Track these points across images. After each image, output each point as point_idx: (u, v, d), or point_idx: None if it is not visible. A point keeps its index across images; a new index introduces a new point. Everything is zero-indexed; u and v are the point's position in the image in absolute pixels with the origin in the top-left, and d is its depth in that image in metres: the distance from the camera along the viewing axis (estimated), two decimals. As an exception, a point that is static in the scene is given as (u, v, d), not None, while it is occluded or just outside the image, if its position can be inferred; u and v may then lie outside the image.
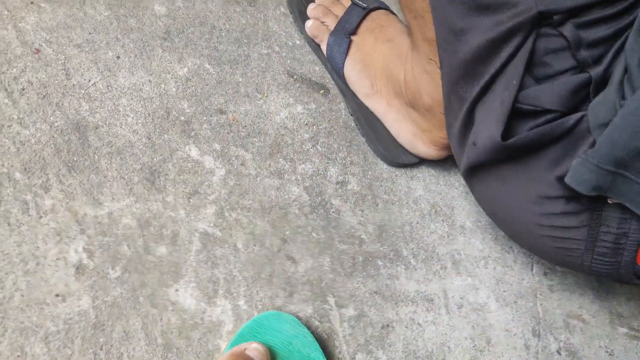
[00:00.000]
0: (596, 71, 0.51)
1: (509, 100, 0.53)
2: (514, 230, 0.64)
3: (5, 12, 0.69)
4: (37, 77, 0.67)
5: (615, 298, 0.79)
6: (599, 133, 0.50)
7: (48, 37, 0.70)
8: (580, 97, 0.53)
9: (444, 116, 0.65)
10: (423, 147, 0.76)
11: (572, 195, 0.54)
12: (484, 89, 0.56)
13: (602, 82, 0.51)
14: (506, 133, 0.54)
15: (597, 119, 0.50)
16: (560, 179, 0.54)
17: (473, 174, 0.63)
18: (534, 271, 0.77)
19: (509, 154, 0.56)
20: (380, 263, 0.71)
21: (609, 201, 0.53)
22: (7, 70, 0.66)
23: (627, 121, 0.47)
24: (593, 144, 0.51)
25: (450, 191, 0.79)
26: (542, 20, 0.51)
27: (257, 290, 0.64)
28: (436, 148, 0.75)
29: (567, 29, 0.51)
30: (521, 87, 0.53)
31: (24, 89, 0.66)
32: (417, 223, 0.75)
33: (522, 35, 0.51)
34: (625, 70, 0.48)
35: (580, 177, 0.50)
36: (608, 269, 0.57)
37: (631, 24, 0.49)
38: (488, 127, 0.55)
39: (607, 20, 0.50)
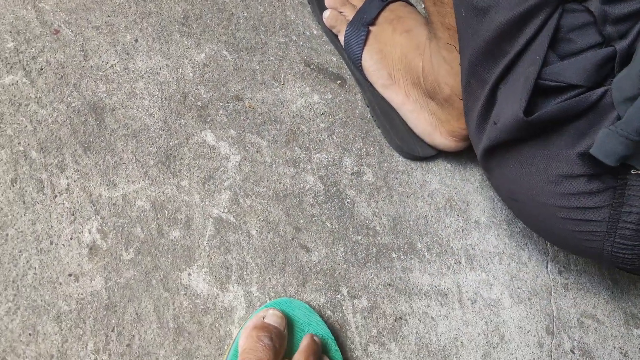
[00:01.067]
0: (621, 45, 0.50)
1: (533, 76, 0.52)
2: (533, 215, 0.62)
3: (25, -8, 0.69)
4: (55, 58, 0.67)
5: (630, 299, 0.78)
6: (624, 108, 0.49)
7: (67, 18, 0.70)
8: (605, 72, 0.51)
9: (462, 101, 0.64)
10: (441, 138, 0.75)
11: (593, 173, 0.53)
12: (507, 68, 0.55)
13: (628, 56, 0.50)
14: (529, 110, 0.53)
15: (621, 93, 0.49)
16: (582, 155, 0.53)
17: (491, 156, 0.61)
18: (549, 269, 0.76)
19: (530, 131, 0.55)
20: (394, 255, 0.70)
21: (633, 172, 0.51)
22: (26, 49, 0.66)
23: None
24: (617, 119, 0.50)
25: (466, 186, 0.78)
26: None
27: (269, 278, 0.63)
28: (454, 139, 0.75)
29: (593, 4, 0.50)
30: (545, 63, 0.52)
31: (42, 69, 0.65)
32: (432, 217, 0.74)
33: (547, 11, 0.51)
34: None
35: (608, 148, 0.49)
36: (629, 255, 0.56)
37: None
38: (511, 105, 0.54)
39: None
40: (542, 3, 0.50)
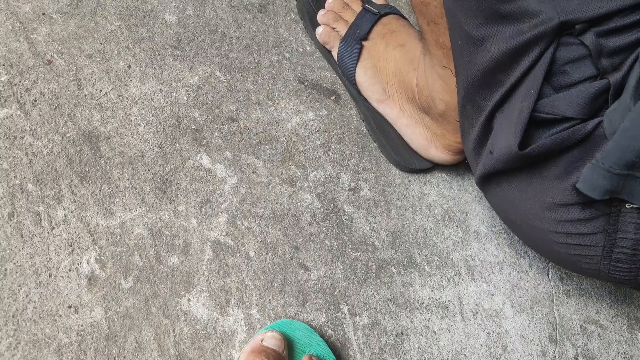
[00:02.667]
0: (615, 77, 0.50)
1: (527, 109, 0.52)
2: (530, 237, 0.63)
3: (18, 24, 0.70)
4: (49, 88, 0.67)
5: (633, 302, 0.77)
6: None
7: (60, 48, 0.70)
8: (599, 104, 0.52)
9: (459, 123, 0.64)
10: (436, 152, 0.75)
11: (587, 202, 0.54)
12: (504, 98, 0.55)
13: (621, 88, 0.51)
14: (524, 141, 0.53)
15: (612, 126, 0.50)
16: (575, 186, 0.53)
17: (488, 181, 0.62)
18: (550, 276, 0.76)
19: (525, 162, 0.56)
20: (393, 270, 0.70)
21: (627, 206, 0.52)
22: (20, 82, 0.67)
23: (636, 125, 0.46)
24: None
25: (464, 196, 0.78)
26: (563, 29, 0.50)
27: (269, 299, 0.64)
28: (450, 153, 0.75)
29: (589, 38, 0.50)
30: (539, 96, 0.52)
31: (36, 100, 0.66)
32: (431, 229, 0.74)
33: (542, 44, 0.51)
34: None
35: (593, 183, 0.50)
36: (626, 276, 0.56)
37: None
38: (506, 136, 0.54)
39: (628, 28, 0.49)
40: (537, 38, 0.51)
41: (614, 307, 0.76)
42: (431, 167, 0.78)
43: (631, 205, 0.51)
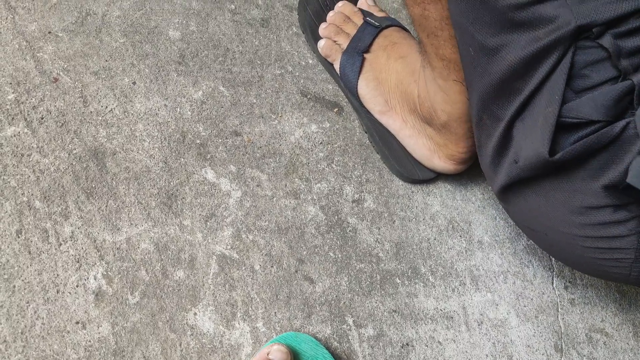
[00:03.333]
0: (638, 77, 0.50)
1: (554, 115, 0.52)
2: (555, 245, 0.62)
3: (24, 43, 0.71)
4: (55, 106, 0.68)
5: (638, 310, 0.77)
6: None
7: (66, 66, 0.71)
8: (624, 105, 0.51)
9: (475, 136, 0.64)
10: (440, 162, 0.76)
11: (619, 204, 0.53)
12: (523, 106, 0.55)
13: None
14: (551, 148, 0.54)
15: None
16: (607, 187, 0.53)
17: (509, 191, 0.61)
18: (555, 285, 0.76)
19: (553, 168, 0.55)
20: (398, 281, 0.71)
21: None
22: (27, 100, 0.68)
23: None
24: None
25: (467, 206, 0.79)
26: (580, 33, 0.50)
27: (275, 312, 0.64)
28: (453, 162, 0.75)
29: (606, 40, 0.50)
30: (563, 101, 0.52)
31: (42, 118, 0.67)
32: (435, 239, 0.75)
33: (560, 50, 0.51)
34: None
35: None
36: None
37: None
38: (532, 144, 0.54)
39: None
40: (554, 44, 0.51)
41: (619, 315, 0.76)
42: (434, 177, 0.78)
43: None
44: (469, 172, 0.79)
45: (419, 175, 0.77)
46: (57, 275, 0.59)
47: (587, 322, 0.74)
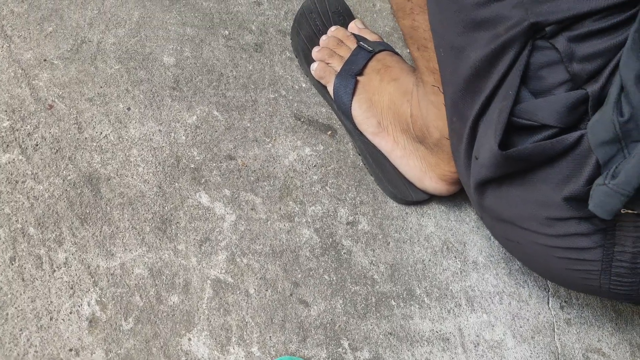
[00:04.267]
0: (593, 88, 0.51)
1: (506, 110, 0.53)
2: (529, 254, 0.63)
3: (20, 71, 0.72)
4: (50, 132, 0.69)
5: (635, 329, 0.77)
6: (602, 151, 0.50)
7: (61, 93, 0.72)
8: (579, 114, 0.53)
9: (450, 141, 0.65)
10: (431, 183, 0.76)
11: (583, 216, 0.54)
12: (485, 105, 0.57)
13: (600, 100, 0.51)
14: (506, 147, 0.54)
15: (596, 138, 0.50)
16: (568, 199, 0.54)
17: (481, 198, 0.62)
18: (550, 305, 0.76)
19: (511, 169, 0.56)
20: (393, 303, 0.70)
21: (622, 211, 0.52)
22: (22, 127, 0.68)
23: None
24: (597, 163, 0.51)
25: (462, 226, 0.79)
26: (535, 32, 0.52)
27: (270, 336, 0.64)
28: (445, 183, 0.76)
29: (560, 42, 0.51)
30: (518, 100, 0.54)
31: (37, 145, 0.68)
32: (430, 260, 0.75)
33: (517, 47, 0.52)
34: (622, 88, 0.48)
35: (608, 206, 0.50)
36: (627, 290, 0.56)
37: (626, 40, 0.50)
38: (488, 139, 0.56)
39: (600, 34, 0.50)
40: (510, 41, 0.52)
41: (615, 334, 0.76)
42: (428, 198, 0.78)
43: (625, 210, 0.52)
44: (462, 193, 0.80)
45: (413, 196, 0.77)
46: (51, 302, 0.59)
47: (583, 342, 0.74)
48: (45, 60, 0.74)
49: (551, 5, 0.50)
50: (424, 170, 0.76)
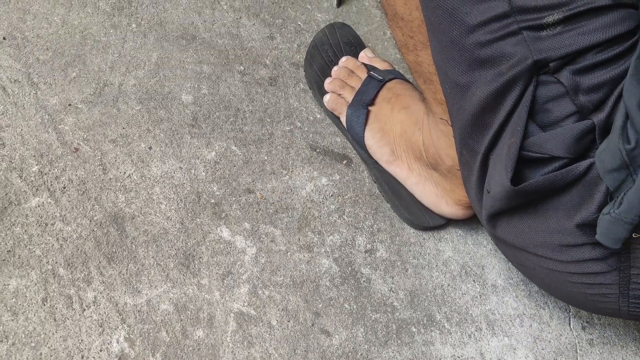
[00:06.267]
0: (599, 117, 0.52)
1: (516, 145, 0.54)
2: (544, 280, 0.64)
3: (47, 116, 0.75)
4: (76, 175, 0.72)
5: (660, 348, 0.77)
6: (610, 178, 0.51)
7: (85, 136, 0.75)
8: (586, 143, 0.54)
9: (460, 172, 0.67)
10: (447, 208, 0.77)
11: (597, 242, 0.54)
12: (494, 139, 0.58)
13: (607, 128, 0.52)
14: (517, 180, 0.55)
15: (604, 166, 0.51)
16: (581, 226, 0.55)
17: (494, 227, 0.63)
18: (572, 326, 0.76)
19: (523, 201, 0.57)
20: (414, 329, 0.71)
21: (634, 235, 0.52)
22: (50, 171, 0.71)
23: None
24: (607, 190, 0.52)
25: (479, 250, 0.80)
26: (539, 68, 0.53)
27: (293, 367, 0.65)
28: (461, 207, 0.77)
29: (564, 76, 0.53)
30: (527, 134, 0.55)
31: (64, 187, 0.71)
32: (449, 285, 0.76)
33: (522, 84, 0.53)
34: (627, 115, 0.49)
35: (613, 235, 0.51)
36: None
37: (628, 68, 0.51)
38: (499, 174, 0.57)
39: (602, 65, 0.51)
40: (515, 78, 0.53)
41: (639, 354, 0.76)
42: (444, 223, 0.80)
43: (637, 235, 0.52)
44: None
45: (430, 222, 0.79)
46: (82, 340, 0.61)
47: (607, 362, 0.74)
48: (70, 104, 0.77)
49: (553, 41, 0.51)
50: (440, 195, 0.77)
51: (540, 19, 0.51)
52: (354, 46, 0.91)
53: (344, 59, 0.88)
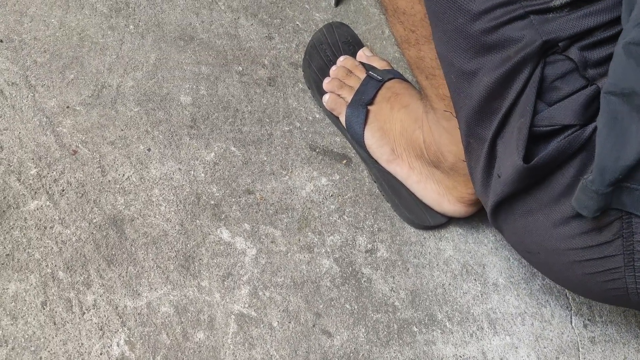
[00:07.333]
0: (603, 82, 0.52)
1: (526, 125, 0.54)
2: (550, 265, 0.63)
3: (44, 119, 0.75)
4: (75, 177, 0.72)
5: (663, 345, 0.77)
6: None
7: (84, 138, 0.75)
8: (594, 109, 0.54)
9: (466, 163, 0.66)
10: (449, 205, 0.77)
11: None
12: (502, 124, 0.58)
13: None
14: (528, 158, 0.55)
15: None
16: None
17: (499, 213, 0.63)
18: (574, 324, 0.76)
19: (532, 179, 0.57)
20: (415, 329, 0.71)
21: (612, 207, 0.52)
22: (48, 173, 0.71)
23: (606, 148, 0.49)
24: None
25: (480, 248, 0.79)
26: (547, 49, 0.53)
27: (294, 368, 0.65)
28: (463, 205, 0.76)
29: (573, 52, 0.53)
30: (535, 112, 0.55)
31: (63, 190, 0.70)
32: (450, 284, 0.76)
33: (530, 66, 0.54)
34: None
35: (583, 203, 0.52)
36: None
37: None
38: (509, 157, 0.56)
39: (611, 40, 0.52)
40: (523, 61, 0.54)
41: (641, 351, 0.76)
42: (445, 222, 0.79)
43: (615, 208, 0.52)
44: (479, 216, 0.80)
45: (430, 221, 0.78)
46: (82, 344, 0.61)
47: (609, 360, 0.74)
48: (68, 107, 0.77)
49: (561, 22, 0.52)
50: (442, 193, 0.77)
51: (547, 2, 0.52)
52: (353, 45, 0.90)
53: (341, 58, 0.88)
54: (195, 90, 0.83)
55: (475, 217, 0.81)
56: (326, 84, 0.86)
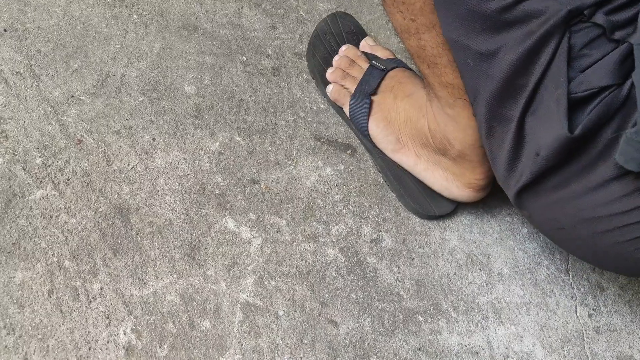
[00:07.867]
0: (635, 38, 0.51)
1: (564, 96, 0.53)
2: (583, 239, 0.61)
3: (49, 109, 0.75)
4: (80, 167, 0.71)
5: (667, 335, 0.77)
6: None
7: (88, 127, 0.75)
8: (628, 67, 0.53)
9: (486, 149, 0.65)
10: (458, 191, 0.77)
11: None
12: (530, 100, 0.57)
13: None
14: (570, 127, 0.54)
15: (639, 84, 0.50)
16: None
17: (528, 192, 0.62)
18: (578, 313, 0.76)
19: (574, 149, 0.56)
20: (420, 319, 0.71)
21: None
22: (53, 163, 0.71)
23: None
24: None
25: (485, 239, 0.79)
26: (572, 18, 0.53)
27: (300, 357, 0.65)
28: (472, 190, 0.76)
29: (599, 18, 0.52)
30: (569, 80, 0.54)
31: (69, 179, 0.70)
32: (455, 274, 0.76)
33: (556, 37, 0.53)
34: None
35: (627, 155, 0.51)
36: None
37: None
38: (550, 130, 0.56)
39: (634, 1, 0.52)
40: (548, 33, 0.53)
41: (646, 340, 0.76)
42: (450, 212, 0.79)
43: None
44: (484, 204, 0.80)
45: (435, 211, 0.78)
46: (89, 332, 0.61)
47: (614, 350, 0.74)
48: (72, 96, 0.77)
49: None
50: (450, 179, 0.77)
51: None
52: (357, 35, 0.90)
53: (344, 47, 0.87)
54: (200, 80, 0.83)
55: (480, 206, 0.81)
56: (329, 74, 0.86)
